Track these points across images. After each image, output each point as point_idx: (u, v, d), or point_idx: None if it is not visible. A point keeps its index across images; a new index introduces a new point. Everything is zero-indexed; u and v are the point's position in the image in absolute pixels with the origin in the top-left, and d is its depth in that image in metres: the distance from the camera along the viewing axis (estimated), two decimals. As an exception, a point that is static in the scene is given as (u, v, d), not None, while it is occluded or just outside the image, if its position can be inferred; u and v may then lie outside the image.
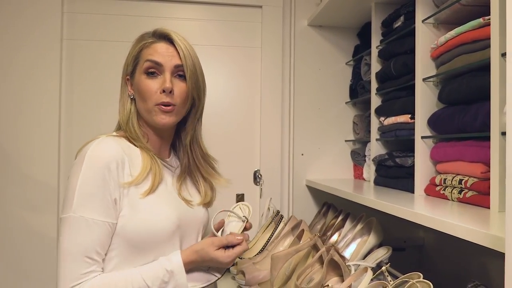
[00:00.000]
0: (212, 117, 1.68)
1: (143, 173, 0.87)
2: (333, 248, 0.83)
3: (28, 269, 1.52)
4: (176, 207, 0.92)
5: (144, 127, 0.96)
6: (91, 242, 0.80)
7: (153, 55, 0.92)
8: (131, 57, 0.95)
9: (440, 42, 1.08)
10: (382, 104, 1.40)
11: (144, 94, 0.91)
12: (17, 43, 1.54)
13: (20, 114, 1.54)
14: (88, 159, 0.82)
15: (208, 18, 1.67)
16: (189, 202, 0.96)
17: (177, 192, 0.95)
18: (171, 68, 0.92)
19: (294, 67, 1.70)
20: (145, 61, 0.92)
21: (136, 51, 0.94)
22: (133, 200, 0.84)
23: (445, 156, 1.07)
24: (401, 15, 1.28)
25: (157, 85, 0.91)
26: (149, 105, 0.91)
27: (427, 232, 1.70)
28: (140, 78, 0.92)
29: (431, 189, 1.10)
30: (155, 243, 0.86)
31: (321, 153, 1.72)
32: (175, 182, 0.97)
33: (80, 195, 0.80)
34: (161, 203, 0.88)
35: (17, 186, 1.53)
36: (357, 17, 1.63)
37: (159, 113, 0.91)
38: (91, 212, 0.80)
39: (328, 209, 1.54)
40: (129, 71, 0.96)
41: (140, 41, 0.95)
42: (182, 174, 1.00)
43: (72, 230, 0.79)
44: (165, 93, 0.90)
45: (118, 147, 0.86)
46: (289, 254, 0.88)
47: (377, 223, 1.17)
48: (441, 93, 1.10)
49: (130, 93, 0.96)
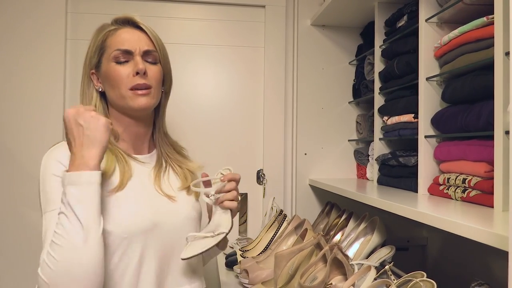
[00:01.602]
0: (215, 116, 1.69)
1: (106, 172, 0.83)
2: (337, 247, 0.83)
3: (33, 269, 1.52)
4: (152, 202, 0.88)
5: (116, 122, 0.91)
6: None
7: (121, 43, 0.89)
8: (94, 48, 0.91)
9: (444, 41, 1.07)
10: (385, 104, 1.40)
11: (115, 80, 0.87)
12: (21, 43, 1.55)
13: (24, 114, 1.55)
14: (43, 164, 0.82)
15: (212, 18, 1.68)
16: (171, 197, 0.91)
17: (154, 187, 0.91)
18: (141, 53, 0.89)
19: (297, 67, 1.70)
20: (113, 50, 0.88)
21: (100, 41, 0.90)
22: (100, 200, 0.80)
23: (448, 156, 1.07)
24: (404, 15, 1.28)
25: (129, 69, 0.88)
26: (122, 90, 0.87)
27: (430, 232, 1.70)
28: (109, 66, 0.88)
29: (435, 188, 1.10)
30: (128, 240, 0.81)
31: (324, 153, 1.73)
32: (151, 177, 0.92)
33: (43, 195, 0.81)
34: (131, 200, 0.84)
35: (22, 186, 1.54)
36: (360, 16, 1.63)
37: (134, 98, 0.87)
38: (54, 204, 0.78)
39: (331, 208, 1.54)
40: (93, 64, 0.91)
41: (102, 30, 0.92)
42: (158, 166, 0.95)
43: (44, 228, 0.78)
44: (138, 75, 0.86)
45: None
46: (293, 253, 0.88)
47: (380, 222, 1.17)
48: (445, 92, 1.10)
49: (97, 87, 0.91)
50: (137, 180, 0.89)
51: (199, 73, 1.68)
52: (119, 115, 0.92)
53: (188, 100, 1.67)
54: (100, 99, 0.92)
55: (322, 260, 0.89)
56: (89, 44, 0.92)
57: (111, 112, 0.93)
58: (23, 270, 1.53)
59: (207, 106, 1.69)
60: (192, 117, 1.67)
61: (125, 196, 0.85)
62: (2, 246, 1.54)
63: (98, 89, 0.92)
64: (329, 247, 0.85)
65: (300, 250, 0.89)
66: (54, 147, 0.86)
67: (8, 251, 1.54)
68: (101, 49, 0.90)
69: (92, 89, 0.92)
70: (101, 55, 0.90)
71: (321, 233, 0.93)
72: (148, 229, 0.85)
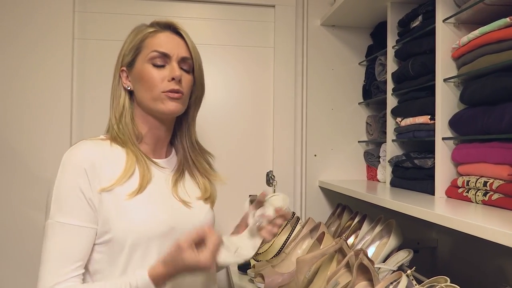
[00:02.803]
0: (224, 117, 1.67)
1: (125, 175, 0.83)
2: (362, 252, 0.81)
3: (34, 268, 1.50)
4: (169, 207, 0.87)
5: (141, 123, 0.91)
6: (69, 248, 0.77)
7: (160, 45, 0.89)
8: (131, 47, 0.90)
9: (463, 42, 1.06)
10: (399, 105, 1.38)
11: (149, 82, 0.87)
12: (28, 43, 1.52)
13: (31, 114, 1.53)
14: (62, 164, 0.81)
15: (221, 18, 1.66)
16: (186, 203, 0.91)
17: (171, 193, 0.90)
18: (178, 59, 0.90)
19: (307, 67, 1.69)
20: (151, 51, 0.88)
21: (138, 41, 0.90)
22: (118, 203, 0.81)
23: (467, 158, 1.05)
24: (419, 15, 1.26)
25: (164, 73, 0.88)
26: (155, 93, 0.87)
27: (440, 234, 1.68)
28: (143, 67, 0.88)
29: (453, 191, 1.08)
30: (146, 244, 0.81)
31: (334, 154, 1.71)
32: (169, 182, 0.91)
33: (56, 200, 0.79)
34: (150, 203, 0.84)
35: (28, 187, 1.52)
36: (370, 16, 1.61)
37: (167, 100, 0.87)
38: (67, 217, 0.78)
39: (343, 210, 1.52)
40: (125, 62, 0.91)
41: (141, 31, 0.91)
42: (179, 173, 0.94)
43: (49, 237, 0.77)
44: (174, 80, 0.87)
45: (94, 149, 0.83)
46: (315, 258, 0.87)
47: (397, 225, 1.15)
48: (463, 93, 1.08)
49: (126, 85, 0.91)
50: (155, 184, 0.88)
51: (208, 73, 1.62)
52: (145, 116, 0.91)
53: (196, 101, 1.65)
54: (128, 97, 0.92)
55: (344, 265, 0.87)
56: (125, 41, 0.92)
57: (137, 112, 0.92)
58: (29, 273, 1.51)
59: (216, 107, 1.67)
60: (200, 118, 1.64)
61: (144, 200, 0.84)
62: (8, 248, 1.51)
63: (126, 87, 0.91)
64: (354, 252, 0.83)
65: (322, 255, 0.87)
66: (79, 149, 0.83)
67: (14, 253, 1.51)
68: (138, 49, 0.89)
69: (121, 87, 0.92)
70: (137, 55, 0.89)
71: (343, 237, 0.91)
72: (165, 233, 0.84)
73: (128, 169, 0.84)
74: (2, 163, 1.52)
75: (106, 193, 0.80)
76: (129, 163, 0.84)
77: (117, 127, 0.89)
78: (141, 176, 0.84)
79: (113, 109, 0.91)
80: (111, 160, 0.84)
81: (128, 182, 0.83)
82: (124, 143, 0.88)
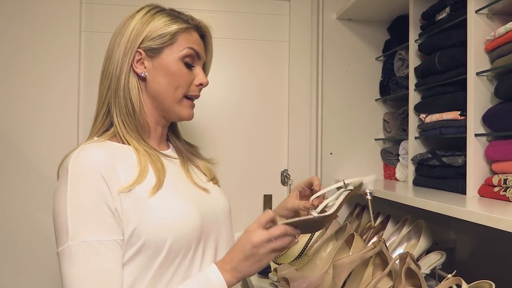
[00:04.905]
0: (237, 114, 1.61)
1: (143, 171, 0.75)
2: (409, 256, 0.76)
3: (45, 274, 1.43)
4: (193, 196, 0.82)
5: (149, 116, 0.84)
6: (106, 270, 0.66)
7: (196, 44, 0.86)
8: (159, 33, 0.81)
9: (499, 34, 1.01)
10: (423, 101, 1.33)
11: (177, 80, 0.82)
12: (34, 35, 1.46)
13: (36, 110, 1.46)
14: (72, 174, 0.69)
15: (235, 10, 1.60)
16: (205, 189, 0.87)
17: (190, 181, 0.85)
18: (202, 64, 0.89)
19: (322, 63, 1.63)
20: (186, 47, 0.83)
21: (171, 31, 0.82)
22: (140, 204, 0.72)
23: (504, 155, 1.00)
24: (447, 6, 1.21)
25: (192, 76, 0.86)
26: (180, 94, 0.83)
27: (459, 234, 1.64)
28: (174, 61, 0.82)
29: (487, 190, 1.03)
30: (182, 244, 0.74)
31: (350, 152, 1.65)
32: (182, 172, 0.87)
33: (74, 217, 0.67)
34: (175, 196, 0.77)
35: (34, 187, 1.44)
36: (389, 10, 1.56)
37: (187, 107, 0.86)
38: (94, 233, 0.67)
39: (362, 210, 1.47)
40: (147, 46, 0.81)
41: (176, 21, 0.83)
42: (184, 161, 0.91)
43: (77, 262, 0.65)
44: (200, 86, 0.87)
45: (104, 151, 0.74)
46: (354, 262, 0.81)
47: (427, 226, 1.10)
48: (498, 88, 1.03)
49: (140, 71, 0.81)
50: (172, 176, 0.82)
51: (221, 68, 1.60)
52: (156, 110, 0.85)
53: (209, 97, 1.58)
54: (139, 85, 0.82)
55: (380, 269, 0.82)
56: (144, 20, 0.82)
57: (148, 103, 0.84)
58: (34, 275, 1.44)
59: (229, 103, 1.61)
60: (213, 115, 1.59)
61: (168, 194, 0.77)
62: (13, 250, 1.44)
63: (141, 74, 0.81)
64: (400, 256, 0.78)
65: (362, 258, 0.82)
66: (89, 153, 0.73)
67: (19, 255, 1.44)
68: (170, 40, 0.82)
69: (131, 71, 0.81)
70: (167, 45, 0.82)
71: (383, 240, 0.85)
72: (199, 226, 0.78)
73: (144, 165, 0.77)
74: (5, 160, 1.45)
75: (126, 197, 0.72)
76: (142, 159, 0.77)
77: (124, 123, 0.80)
78: (157, 170, 0.78)
79: (117, 99, 0.80)
80: (123, 161, 0.76)
81: (146, 180, 0.76)
82: (132, 140, 0.80)
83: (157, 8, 0.87)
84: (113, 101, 0.81)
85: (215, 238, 0.84)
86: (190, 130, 1.52)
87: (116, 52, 0.81)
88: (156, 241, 0.71)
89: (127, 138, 0.79)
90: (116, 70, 0.80)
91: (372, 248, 0.82)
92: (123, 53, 0.81)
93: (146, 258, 0.72)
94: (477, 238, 1.53)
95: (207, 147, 1.55)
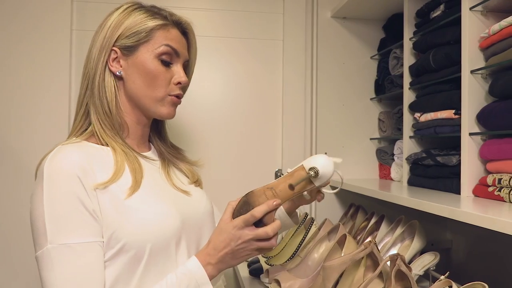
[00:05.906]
0: (231, 113, 1.59)
1: (119, 170, 0.74)
2: (399, 258, 0.74)
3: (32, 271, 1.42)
4: (173, 199, 0.80)
5: (127, 115, 0.82)
6: (86, 272, 0.65)
7: (174, 41, 0.83)
8: (134, 31, 0.79)
9: (493, 31, 0.99)
10: (418, 99, 1.31)
11: (154, 80, 0.80)
12: (25, 34, 1.44)
13: (27, 111, 1.44)
14: (48, 176, 0.68)
15: (228, 9, 1.58)
16: (186, 192, 0.85)
17: (169, 184, 0.84)
18: (183, 62, 0.86)
19: (317, 61, 1.61)
20: (163, 44, 0.80)
21: (146, 28, 0.79)
22: (117, 204, 0.71)
23: (499, 154, 0.98)
24: (441, 4, 1.20)
25: (170, 74, 0.83)
26: (160, 93, 0.81)
27: (455, 235, 1.62)
28: (150, 60, 0.80)
29: (482, 190, 1.02)
30: (162, 246, 0.72)
31: (345, 152, 1.64)
32: (162, 174, 0.85)
33: (52, 220, 0.66)
34: (152, 197, 0.76)
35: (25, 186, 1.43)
36: (384, 8, 1.54)
37: (169, 105, 0.84)
38: (72, 236, 0.65)
39: (356, 211, 1.45)
40: (122, 44, 0.79)
41: (153, 18, 0.81)
42: (165, 163, 0.90)
43: (56, 265, 0.64)
44: (179, 85, 0.84)
45: (80, 152, 0.72)
46: (344, 264, 0.79)
47: (421, 227, 1.08)
48: (493, 85, 1.01)
49: (115, 69, 0.79)
50: (151, 178, 0.80)
51: (214, 67, 1.58)
52: (133, 109, 0.83)
53: (202, 96, 1.57)
54: (115, 84, 0.80)
55: (372, 270, 0.80)
56: (120, 18, 0.80)
57: (124, 102, 0.82)
58: (27, 276, 1.42)
59: (222, 102, 1.59)
60: (205, 114, 1.57)
61: (146, 196, 0.75)
62: (6, 250, 1.42)
63: (116, 73, 0.80)
64: (390, 258, 0.76)
65: (352, 260, 0.80)
66: (64, 154, 0.71)
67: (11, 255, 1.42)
68: (146, 37, 0.80)
69: (107, 70, 0.79)
70: (142, 43, 0.80)
71: (374, 241, 0.84)
72: (179, 227, 0.77)
73: (120, 165, 0.75)
74: (-5, 161, 1.43)
75: (102, 194, 0.70)
76: (119, 159, 0.75)
77: (101, 122, 0.79)
78: (133, 172, 0.76)
79: (93, 99, 0.79)
80: (100, 161, 0.75)
81: (121, 180, 0.74)
82: (109, 139, 0.78)
83: (136, 5, 0.85)
84: (90, 101, 0.80)
85: (197, 239, 0.83)
86: (182, 129, 1.50)
87: (93, 51, 0.81)
88: (137, 244, 0.70)
89: (104, 138, 0.78)
90: (92, 69, 0.80)
91: (363, 249, 0.80)
92: (99, 51, 0.79)
93: (127, 260, 0.70)
94: (474, 238, 1.52)
95: (200, 146, 1.53)
